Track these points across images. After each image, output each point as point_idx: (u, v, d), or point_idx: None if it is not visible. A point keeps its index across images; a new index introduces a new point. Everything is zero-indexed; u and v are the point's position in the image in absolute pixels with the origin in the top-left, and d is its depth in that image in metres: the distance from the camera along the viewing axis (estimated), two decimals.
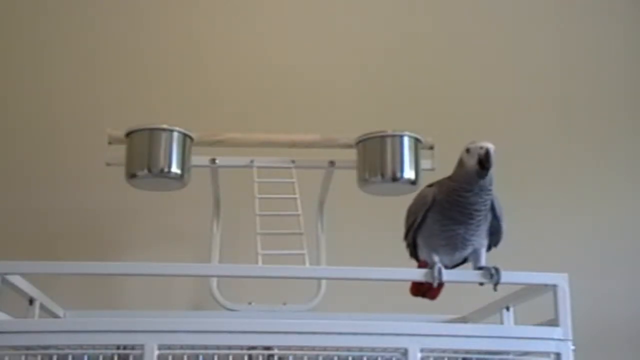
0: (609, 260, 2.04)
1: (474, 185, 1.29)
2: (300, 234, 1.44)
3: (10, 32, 2.10)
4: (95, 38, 2.12)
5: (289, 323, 1.23)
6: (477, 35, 2.22)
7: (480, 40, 2.22)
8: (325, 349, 1.29)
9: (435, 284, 1.30)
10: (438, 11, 2.23)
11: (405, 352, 1.21)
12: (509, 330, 1.35)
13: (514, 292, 1.40)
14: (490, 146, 1.28)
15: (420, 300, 1.60)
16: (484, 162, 1.27)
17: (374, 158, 1.60)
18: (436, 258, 1.33)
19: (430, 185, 1.38)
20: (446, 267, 1.34)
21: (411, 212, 1.39)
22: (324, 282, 1.75)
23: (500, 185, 1.34)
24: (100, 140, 1.63)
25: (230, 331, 1.21)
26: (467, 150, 1.30)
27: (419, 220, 1.35)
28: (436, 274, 1.29)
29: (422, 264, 1.43)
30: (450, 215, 1.31)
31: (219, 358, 1.40)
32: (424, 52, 2.20)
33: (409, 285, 1.50)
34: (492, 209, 1.33)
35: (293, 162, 1.65)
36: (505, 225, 1.36)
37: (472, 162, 1.28)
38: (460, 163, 1.31)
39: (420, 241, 1.39)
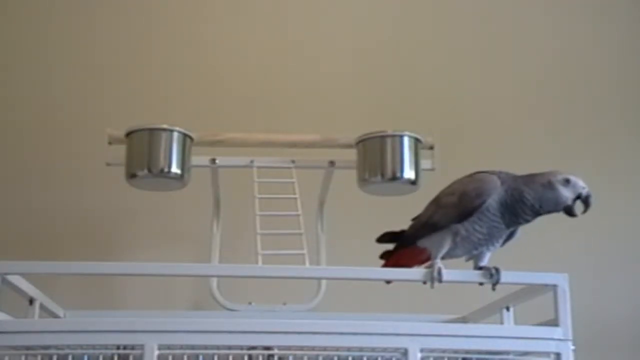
0: (609, 260, 2.04)
1: (551, 212, 1.29)
2: (300, 234, 1.44)
3: (11, 31, 2.10)
4: (95, 38, 2.12)
5: (289, 323, 1.23)
6: (477, 35, 2.22)
7: (480, 40, 2.22)
8: (325, 349, 1.29)
9: (433, 286, 1.29)
10: (438, 11, 2.23)
11: (405, 352, 1.21)
12: (509, 330, 1.35)
13: (514, 292, 1.40)
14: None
15: (420, 300, 1.61)
16: (585, 205, 1.29)
17: (374, 158, 1.60)
18: (440, 254, 1.32)
19: (488, 173, 1.33)
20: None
21: (475, 194, 1.31)
22: (324, 282, 1.75)
23: None
24: (100, 140, 1.63)
25: (230, 331, 1.21)
26: (567, 181, 1.28)
27: (485, 205, 1.30)
28: (435, 274, 1.28)
29: (406, 254, 1.42)
30: (504, 213, 1.30)
31: (219, 358, 1.40)
32: (424, 52, 2.20)
33: (409, 285, 1.50)
34: None
35: (293, 162, 1.65)
36: (519, 231, 1.36)
37: (567, 195, 1.28)
38: (549, 185, 1.28)
39: (453, 227, 1.33)
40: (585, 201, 1.29)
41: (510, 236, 1.36)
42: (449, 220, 1.34)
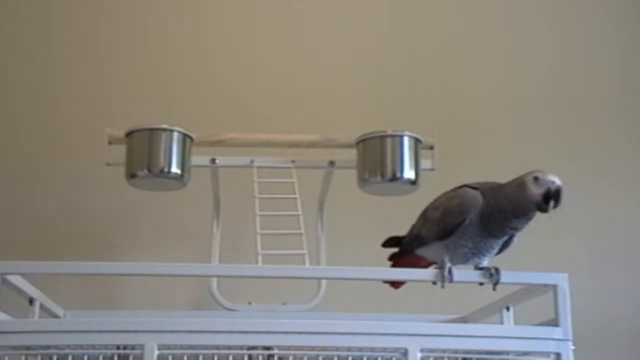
0: (609, 260, 2.04)
1: (527, 213, 1.27)
2: (300, 234, 1.44)
3: (10, 31, 2.10)
4: (95, 38, 2.12)
5: (289, 323, 1.23)
6: (477, 35, 2.22)
7: (481, 40, 2.22)
8: (325, 349, 1.29)
9: (443, 285, 1.29)
10: (438, 11, 2.23)
11: (405, 352, 1.21)
12: (509, 330, 1.35)
13: (514, 292, 1.40)
14: (560, 183, 1.25)
15: (420, 300, 1.61)
16: (554, 200, 1.24)
17: (374, 158, 1.60)
18: (447, 258, 1.31)
19: (471, 187, 1.33)
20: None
21: (457, 211, 1.31)
22: (324, 282, 1.75)
23: None
24: (100, 140, 1.63)
25: (230, 331, 1.21)
26: (535, 179, 1.25)
27: (467, 221, 1.30)
28: (446, 273, 1.28)
29: (408, 260, 1.42)
30: (487, 226, 1.29)
31: (219, 358, 1.40)
32: (424, 52, 2.20)
33: (409, 285, 1.50)
34: None
35: (293, 162, 1.65)
36: (516, 239, 1.35)
37: (537, 192, 1.24)
38: (521, 186, 1.26)
39: (439, 242, 1.35)
40: (554, 196, 1.24)
41: (506, 244, 1.35)
42: (434, 236, 1.35)
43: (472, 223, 1.29)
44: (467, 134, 2.11)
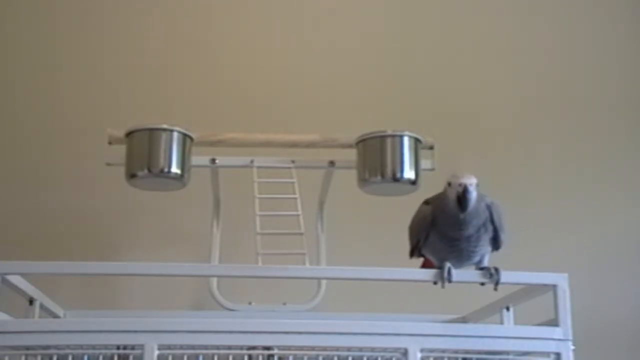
0: (609, 260, 2.04)
1: (455, 216, 1.28)
2: (301, 234, 1.44)
3: (10, 30, 2.10)
4: (95, 38, 2.12)
5: (289, 323, 1.24)
6: (477, 35, 2.22)
7: (480, 40, 2.22)
8: (325, 349, 1.29)
9: (443, 285, 1.29)
10: (438, 11, 2.23)
11: (405, 352, 1.21)
12: (509, 330, 1.35)
13: (514, 292, 1.41)
14: (470, 182, 1.26)
15: (420, 300, 1.60)
16: (461, 200, 1.26)
17: (374, 158, 1.60)
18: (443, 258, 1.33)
19: (427, 202, 1.36)
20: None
21: (413, 232, 1.38)
22: (324, 282, 1.75)
23: (500, 185, 1.34)
24: (100, 140, 1.63)
25: (230, 331, 1.21)
26: (449, 184, 1.29)
27: (422, 240, 1.34)
28: (445, 274, 1.28)
29: (428, 262, 1.43)
30: (449, 234, 1.31)
31: (219, 358, 1.40)
32: (424, 52, 2.20)
33: (409, 285, 1.50)
34: (492, 220, 1.32)
35: (293, 162, 1.65)
36: (504, 236, 1.34)
37: (452, 197, 1.28)
38: (444, 192, 1.30)
39: (426, 252, 1.38)
40: (462, 199, 1.26)
41: (495, 240, 1.35)
42: (412, 253, 1.40)
43: (436, 235, 1.32)
44: (467, 134, 2.11)
